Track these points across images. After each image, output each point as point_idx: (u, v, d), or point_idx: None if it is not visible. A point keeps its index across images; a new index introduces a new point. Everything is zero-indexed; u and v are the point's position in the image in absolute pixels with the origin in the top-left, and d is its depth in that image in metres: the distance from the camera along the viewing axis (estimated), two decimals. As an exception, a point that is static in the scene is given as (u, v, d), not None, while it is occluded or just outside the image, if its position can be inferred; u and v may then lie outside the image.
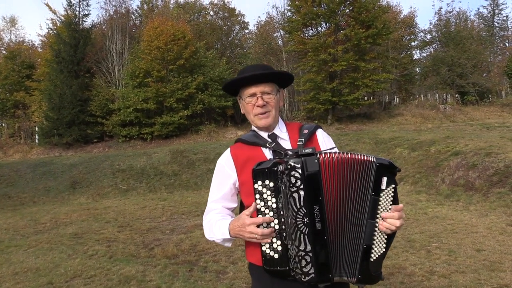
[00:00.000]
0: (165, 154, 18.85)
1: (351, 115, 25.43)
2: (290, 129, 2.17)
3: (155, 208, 11.97)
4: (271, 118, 2.07)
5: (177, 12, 30.67)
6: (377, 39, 23.01)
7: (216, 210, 2.12)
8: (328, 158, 1.75)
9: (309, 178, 1.69)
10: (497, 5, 43.63)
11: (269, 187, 1.78)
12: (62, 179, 17.31)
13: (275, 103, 2.09)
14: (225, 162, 2.11)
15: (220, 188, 2.13)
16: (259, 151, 2.04)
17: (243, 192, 2.05)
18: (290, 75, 2.15)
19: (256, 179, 1.80)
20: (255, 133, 2.14)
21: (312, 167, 1.69)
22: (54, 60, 25.55)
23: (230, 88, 2.18)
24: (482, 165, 10.96)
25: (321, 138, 2.13)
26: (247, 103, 2.09)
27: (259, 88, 2.04)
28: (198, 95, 24.57)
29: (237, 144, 2.16)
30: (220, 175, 2.13)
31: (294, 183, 1.68)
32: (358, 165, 1.78)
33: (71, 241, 8.17)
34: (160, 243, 7.60)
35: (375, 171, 1.79)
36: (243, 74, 2.07)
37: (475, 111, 25.86)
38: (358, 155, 1.78)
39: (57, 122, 24.34)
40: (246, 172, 1.97)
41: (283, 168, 1.71)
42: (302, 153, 1.71)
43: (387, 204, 1.81)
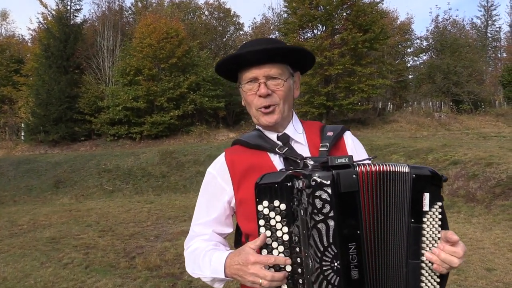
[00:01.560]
0: (154, 154, 18.24)
1: (345, 120, 25.01)
2: (308, 129, 1.62)
3: (141, 211, 11.38)
4: (278, 114, 1.52)
5: (171, 10, 30.06)
6: (374, 43, 22.65)
7: (204, 237, 1.57)
8: (367, 172, 1.23)
9: (343, 202, 1.16)
10: (491, 16, 43.82)
11: (279, 211, 1.25)
12: (45, 178, 16.62)
13: (285, 92, 1.52)
14: (218, 171, 1.57)
15: (210, 207, 1.58)
16: (265, 157, 1.51)
17: (241, 215, 1.51)
18: (309, 53, 1.57)
19: (261, 198, 1.27)
20: (260, 133, 1.60)
21: (349, 186, 1.17)
22: (43, 55, 24.82)
23: (225, 71, 1.62)
24: (483, 176, 10.55)
25: (350, 144, 1.61)
26: (245, 91, 1.54)
27: (262, 71, 1.49)
28: (189, 95, 23.98)
29: (235, 147, 1.62)
30: (211, 189, 1.59)
31: (320, 208, 1.15)
32: (391, 179, 1.27)
33: (46, 247, 7.56)
34: (142, 252, 7.02)
35: (412, 187, 1.29)
36: (241, 50, 1.52)
37: (470, 120, 25.61)
38: (390, 166, 1.28)
39: (43, 119, 23.59)
40: (246, 186, 1.45)
41: (303, 185, 1.18)
42: (333, 164, 1.17)
43: (434, 232, 1.31)
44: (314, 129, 1.61)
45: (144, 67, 23.40)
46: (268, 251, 1.26)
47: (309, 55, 1.58)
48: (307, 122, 1.67)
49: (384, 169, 1.26)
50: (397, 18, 33.41)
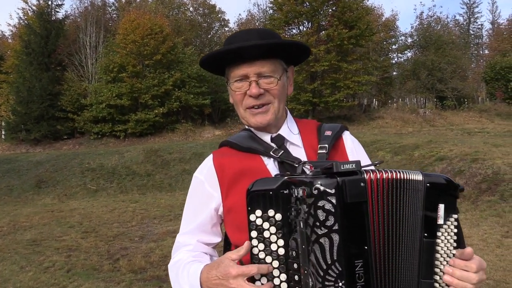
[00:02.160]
0: (139, 153, 17.94)
1: (331, 117, 25.02)
2: (303, 129, 1.48)
3: (125, 211, 11.14)
4: (271, 115, 1.38)
5: (155, 6, 29.66)
6: (359, 40, 22.68)
7: (189, 247, 1.42)
8: (377, 180, 1.09)
9: (349, 214, 1.02)
10: (473, 13, 44.35)
11: (274, 221, 1.11)
12: (26, 178, 16.21)
13: (280, 90, 1.38)
14: (206, 176, 1.42)
15: (196, 215, 1.43)
16: (257, 161, 1.36)
17: (230, 224, 1.37)
18: (305, 46, 1.42)
19: (253, 207, 1.13)
20: (251, 133, 1.45)
21: (356, 195, 1.03)
22: (24, 51, 24.27)
23: (211, 66, 1.46)
24: (469, 172, 10.59)
25: (350, 145, 1.46)
26: (234, 90, 1.39)
27: (253, 68, 1.33)
28: (174, 92, 23.69)
29: (223, 149, 1.47)
30: (198, 196, 1.44)
31: (323, 220, 1.01)
32: (402, 188, 1.14)
33: (27, 250, 7.31)
34: (127, 253, 6.83)
35: (426, 197, 1.16)
36: (230, 44, 1.35)
37: (454, 116, 25.84)
38: (403, 173, 1.14)
39: (25, 117, 23.07)
40: (237, 193, 1.30)
41: (303, 194, 1.04)
42: (338, 170, 1.04)
43: (448, 248, 1.17)
44: (311, 129, 1.47)
45: (128, 63, 23.04)
46: None
47: (303, 48, 1.42)
48: (302, 121, 1.53)
49: (396, 177, 1.12)
50: (382, 14, 33.57)
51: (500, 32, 38.87)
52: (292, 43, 1.38)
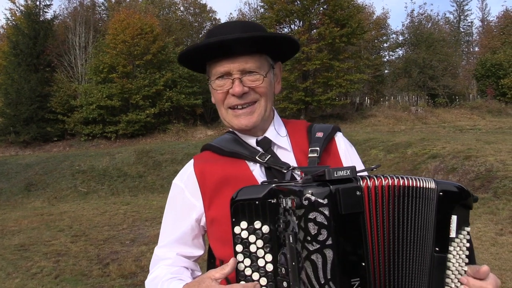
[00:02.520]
0: (130, 154, 17.76)
1: (324, 115, 24.98)
2: (292, 131, 1.35)
3: (116, 213, 10.99)
4: (257, 116, 1.25)
5: (146, 5, 29.41)
6: (351, 38, 22.66)
7: (167, 261, 1.30)
8: (375, 187, 0.98)
9: (344, 227, 0.92)
10: (463, 11, 44.57)
11: (261, 234, 1.00)
12: (16, 181, 15.97)
13: (266, 88, 1.25)
14: (186, 183, 1.30)
15: (176, 225, 1.31)
16: (242, 167, 1.24)
17: (214, 236, 1.25)
18: (292, 39, 1.29)
19: (238, 218, 1.03)
20: (235, 136, 1.33)
21: (352, 206, 0.92)
22: (12, 52, 23.88)
23: (191, 62, 1.33)
24: (462, 169, 10.57)
25: (343, 148, 1.35)
26: (215, 89, 1.26)
27: (236, 64, 1.21)
28: (166, 93, 23.47)
29: (205, 153, 1.34)
30: (178, 205, 1.32)
31: (314, 234, 0.90)
32: (412, 197, 1.02)
33: (14, 255, 7.15)
34: (117, 257, 6.69)
35: (438, 206, 1.05)
36: (210, 37, 1.23)
37: (446, 113, 25.91)
38: (412, 180, 1.03)
39: (13, 119, 22.72)
40: (220, 202, 1.19)
41: (292, 205, 0.93)
42: (331, 178, 0.92)
43: (460, 264, 1.08)
44: (300, 130, 1.35)
45: (118, 64, 22.78)
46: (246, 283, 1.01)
47: (294, 44, 1.30)
48: (291, 122, 1.40)
49: (404, 184, 1.01)
50: (373, 13, 33.61)
51: (490, 29, 39.08)
52: (279, 36, 1.26)
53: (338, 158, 1.30)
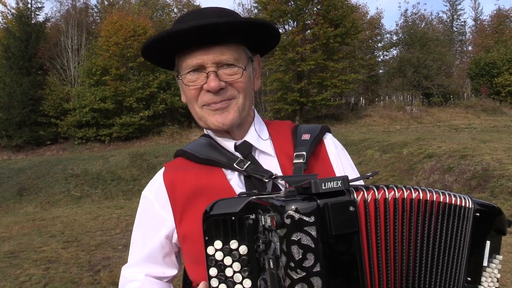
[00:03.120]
0: (124, 157, 17.58)
1: (319, 116, 24.89)
2: (275, 133, 1.21)
3: (110, 218, 10.82)
4: (234, 113, 1.11)
5: (139, 7, 29.23)
6: (345, 38, 22.59)
7: (135, 283, 1.16)
8: (376, 200, 0.84)
9: (335, 251, 0.78)
10: (456, 10, 44.66)
11: (238, 256, 0.87)
12: (8, 186, 15.74)
13: (245, 83, 1.11)
14: (156, 194, 1.16)
15: (145, 242, 1.17)
16: (218, 176, 1.10)
17: (187, 255, 1.12)
18: (274, 28, 1.14)
19: (211, 236, 0.89)
20: (211, 141, 1.18)
21: (343, 225, 0.78)
22: (3, 55, 23.62)
23: (156, 55, 1.17)
24: (458, 168, 10.48)
25: (333, 151, 1.20)
26: (187, 84, 1.11)
27: (211, 56, 1.06)
28: (160, 95, 23.31)
29: (177, 160, 1.20)
30: (147, 219, 1.18)
31: (299, 260, 0.76)
32: (445, 216, 0.88)
33: (3, 263, 6.97)
34: (109, 264, 6.54)
35: (473, 228, 0.92)
36: (180, 25, 1.07)
37: (441, 112, 25.90)
38: (434, 193, 0.89)
39: (5, 123, 22.46)
40: (192, 216, 1.05)
41: (272, 223, 0.79)
42: (318, 191, 0.78)
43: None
44: (284, 132, 1.20)
45: (111, 66, 22.60)
46: None
47: (274, 32, 1.15)
48: (274, 123, 1.25)
49: (407, 195, 0.86)
50: (367, 13, 33.58)
51: (483, 28, 39.17)
52: (260, 22, 1.10)
53: (328, 164, 1.16)
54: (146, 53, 1.16)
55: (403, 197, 0.85)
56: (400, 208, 0.84)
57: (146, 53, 1.16)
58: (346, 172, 1.14)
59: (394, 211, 0.84)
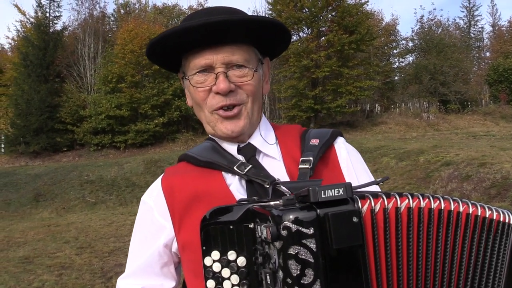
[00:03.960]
0: (138, 164, 17.68)
1: (334, 123, 24.71)
2: (283, 137, 1.13)
3: (123, 224, 10.85)
4: (245, 120, 1.05)
5: (154, 16, 29.56)
6: (360, 45, 22.44)
7: None
8: (385, 209, 0.76)
9: (337, 266, 0.70)
10: (473, 16, 44.10)
11: (236, 268, 0.80)
12: (24, 191, 15.95)
13: (255, 86, 1.05)
14: (155, 200, 1.10)
15: (142, 251, 1.10)
16: (218, 180, 1.03)
17: (186, 266, 1.05)
18: (285, 28, 1.08)
19: (209, 246, 0.83)
20: (214, 144, 1.12)
21: (346, 238, 0.71)
22: (22, 63, 24.10)
23: (162, 56, 1.11)
24: (477, 177, 10.23)
25: (344, 157, 1.11)
26: (194, 86, 1.05)
27: (221, 55, 1.00)
28: (174, 102, 23.45)
29: (179, 165, 1.15)
30: (145, 226, 1.12)
31: (297, 276, 0.68)
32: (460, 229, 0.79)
33: (17, 268, 7.01)
34: (121, 271, 6.47)
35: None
36: (187, 22, 1.01)
37: (458, 119, 25.50)
38: (466, 204, 0.81)
39: (23, 130, 22.83)
40: (190, 224, 0.99)
41: (267, 234, 0.71)
42: (317, 200, 0.71)
43: None
44: (292, 136, 1.13)
45: (126, 74, 22.85)
46: None
47: (282, 30, 1.08)
48: (282, 127, 1.19)
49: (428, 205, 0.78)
50: (382, 19, 33.33)
51: (501, 34, 38.60)
52: (275, 22, 1.04)
53: (337, 170, 1.08)
54: (152, 52, 1.10)
55: (420, 206, 0.77)
56: (415, 219, 0.76)
57: (152, 52, 1.10)
58: (361, 179, 1.06)
59: (408, 222, 0.76)
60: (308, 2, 22.19)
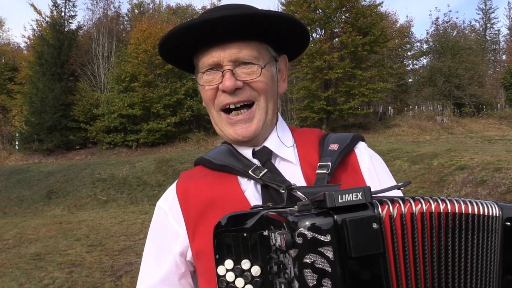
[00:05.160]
0: (150, 163, 17.74)
1: (346, 125, 24.54)
2: (301, 140, 1.08)
3: (134, 223, 10.87)
4: (257, 122, 1.00)
5: (167, 16, 29.70)
6: (374, 46, 22.27)
7: None
8: (403, 215, 0.71)
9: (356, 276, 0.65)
10: (489, 19, 43.49)
11: (251, 278, 0.76)
12: (37, 188, 16.12)
13: (266, 83, 1.00)
14: (170, 205, 1.06)
15: (159, 261, 1.06)
16: (232, 185, 0.99)
17: (200, 274, 1.00)
18: (300, 25, 1.02)
19: (222, 255, 0.79)
20: (230, 147, 1.07)
21: (366, 245, 0.66)
22: (37, 62, 24.39)
23: (175, 55, 1.08)
24: (492, 182, 10.05)
25: (366, 162, 1.06)
26: (202, 85, 1.02)
27: (228, 52, 0.97)
28: (186, 102, 23.52)
29: (194, 169, 1.10)
30: (160, 233, 1.07)
31: (313, 286, 0.64)
32: (464, 230, 0.75)
33: (29, 265, 7.06)
34: (131, 269, 6.51)
35: (504, 241, 0.78)
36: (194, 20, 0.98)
37: (473, 123, 25.13)
38: (461, 203, 0.75)
39: (37, 127, 23.10)
40: (204, 231, 0.94)
41: (282, 242, 0.67)
42: (333, 205, 0.66)
43: None
44: (310, 140, 1.08)
45: (139, 73, 22.98)
46: None
47: (301, 29, 1.03)
48: (300, 130, 1.13)
49: (452, 210, 0.73)
50: (397, 21, 33.03)
51: (518, 37, 37.98)
52: (277, 15, 0.98)
53: (358, 176, 1.02)
54: (163, 53, 1.08)
55: (431, 211, 0.72)
56: (428, 224, 0.72)
57: (163, 53, 1.08)
58: (384, 184, 1.00)
59: (422, 228, 0.72)
60: (322, 3, 22.10)
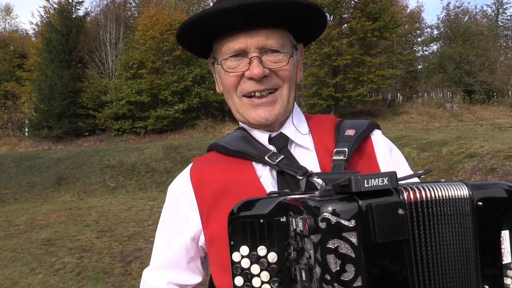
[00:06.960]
0: (158, 149, 17.82)
1: (354, 112, 24.39)
2: (316, 127, 1.08)
3: (143, 209, 10.96)
4: (280, 107, 1.00)
5: (175, 1, 29.52)
6: (383, 32, 21.98)
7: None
8: (423, 201, 0.71)
9: (381, 262, 0.63)
10: (501, 4, 42.64)
11: (267, 264, 0.75)
12: (47, 175, 16.28)
13: (290, 72, 1.00)
14: (182, 190, 1.05)
15: (169, 244, 1.06)
16: (247, 171, 0.98)
17: (213, 261, 1.00)
18: (320, 11, 1.01)
19: (237, 241, 0.78)
20: (245, 133, 1.07)
21: (391, 232, 0.64)
22: (45, 49, 24.43)
23: (193, 40, 1.06)
24: (502, 170, 9.97)
25: (382, 150, 1.05)
26: (226, 71, 0.99)
27: (255, 39, 0.95)
28: (194, 88, 23.47)
29: (208, 154, 1.10)
30: (172, 217, 1.07)
31: (336, 272, 0.62)
32: (433, 215, 0.73)
33: (40, 250, 7.16)
34: (140, 255, 6.58)
35: (478, 222, 0.76)
36: (222, 4, 0.95)
37: (483, 110, 24.87)
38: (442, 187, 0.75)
39: (46, 114, 23.24)
40: (218, 217, 0.93)
41: (304, 227, 0.65)
42: (359, 190, 0.64)
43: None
44: (326, 126, 1.07)
45: (147, 60, 22.94)
46: None
47: (323, 20, 1.04)
48: (315, 117, 1.13)
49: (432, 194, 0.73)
50: (407, 6, 32.56)
51: (531, 22, 37.26)
52: (313, 5, 0.98)
53: (374, 163, 1.02)
54: (181, 38, 1.06)
55: (430, 196, 0.74)
56: (425, 208, 0.73)
57: (181, 38, 1.06)
58: (400, 172, 0.99)
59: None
60: (331, -12, 21.81)
